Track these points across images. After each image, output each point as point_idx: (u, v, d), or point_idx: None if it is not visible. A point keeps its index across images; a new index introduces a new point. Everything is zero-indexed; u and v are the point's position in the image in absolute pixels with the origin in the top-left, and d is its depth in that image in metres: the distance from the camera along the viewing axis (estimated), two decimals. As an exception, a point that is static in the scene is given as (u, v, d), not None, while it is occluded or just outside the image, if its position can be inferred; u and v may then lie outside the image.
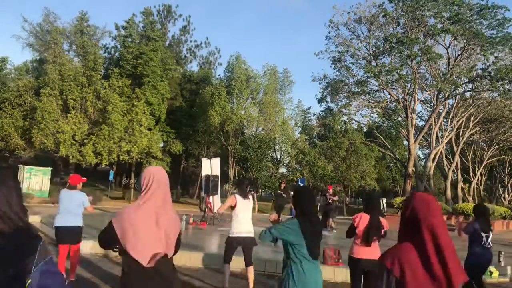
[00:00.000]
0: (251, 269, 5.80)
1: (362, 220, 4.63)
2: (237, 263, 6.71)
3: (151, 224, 2.34)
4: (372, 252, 4.53)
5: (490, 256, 5.65)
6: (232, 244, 5.77)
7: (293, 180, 29.99)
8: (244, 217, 5.77)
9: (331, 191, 16.32)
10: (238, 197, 5.81)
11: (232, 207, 5.81)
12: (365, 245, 4.55)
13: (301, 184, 23.87)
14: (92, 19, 75.01)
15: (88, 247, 8.19)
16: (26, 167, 24.18)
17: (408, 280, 1.79)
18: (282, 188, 16.67)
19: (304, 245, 3.15)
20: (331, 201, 15.84)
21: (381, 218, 4.72)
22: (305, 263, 3.15)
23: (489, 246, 5.55)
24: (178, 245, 2.50)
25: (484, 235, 5.51)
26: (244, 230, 5.73)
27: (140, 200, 2.42)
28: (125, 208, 2.43)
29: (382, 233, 4.68)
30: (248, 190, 6.08)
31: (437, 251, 1.81)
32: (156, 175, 2.47)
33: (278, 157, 36.75)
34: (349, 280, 4.84)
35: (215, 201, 16.60)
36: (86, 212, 6.05)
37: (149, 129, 27.25)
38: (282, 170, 35.51)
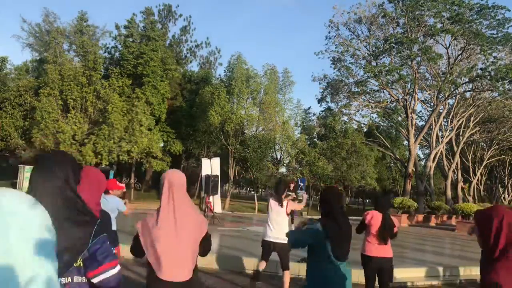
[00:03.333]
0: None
1: (375, 218, 4.65)
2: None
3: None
4: (385, 250, 4.57)
5: None
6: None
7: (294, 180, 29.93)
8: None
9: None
10: (272, 202, 5.76)
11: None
12: (378, 243, 4.57)
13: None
14: (92, 19, 74.97)
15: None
16: (26, 167, 24.18)
17: None
18: (292, 189, 15.98)
19: (328, 247, 3.05)
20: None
21: (392, 217, 4.76)
22: (328, 264, 3.04)
23: None
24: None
25: None
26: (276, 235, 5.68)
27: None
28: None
29: (395, 231, 4.72)
30: (285, 194, 5.88)
31: None
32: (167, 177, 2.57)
33: (278, 157, 36.75)
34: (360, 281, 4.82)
35: (215, 201, 16.61)
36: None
37: (149, 129, 27.24)
38: (282, 170, 35.51)
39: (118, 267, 1.72)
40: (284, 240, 5.32)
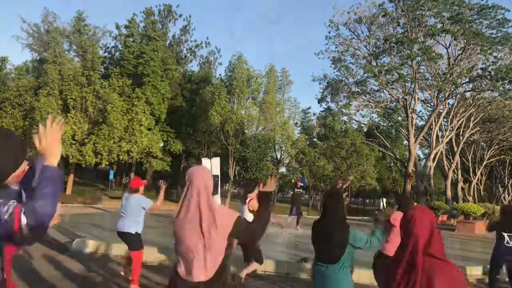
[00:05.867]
0: None
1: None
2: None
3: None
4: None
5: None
6: None
7: (293, 180, 29.91)
8: None
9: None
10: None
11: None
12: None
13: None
14: (93, 19, 75.06)
15: (90, 246, 8.17)
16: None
17: None
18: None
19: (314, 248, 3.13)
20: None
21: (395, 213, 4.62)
22: (316, 266, 3.10)
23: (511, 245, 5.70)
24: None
25: (506, 234, 5.72)
26: None
27: None
28: None
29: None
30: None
31: None
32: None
33: (278, 157, 36.76)
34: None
35: (215, 200, 16.60)
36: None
37: (149, 129, 27.24)
38: (282, 170, 35.53)
39: None
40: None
